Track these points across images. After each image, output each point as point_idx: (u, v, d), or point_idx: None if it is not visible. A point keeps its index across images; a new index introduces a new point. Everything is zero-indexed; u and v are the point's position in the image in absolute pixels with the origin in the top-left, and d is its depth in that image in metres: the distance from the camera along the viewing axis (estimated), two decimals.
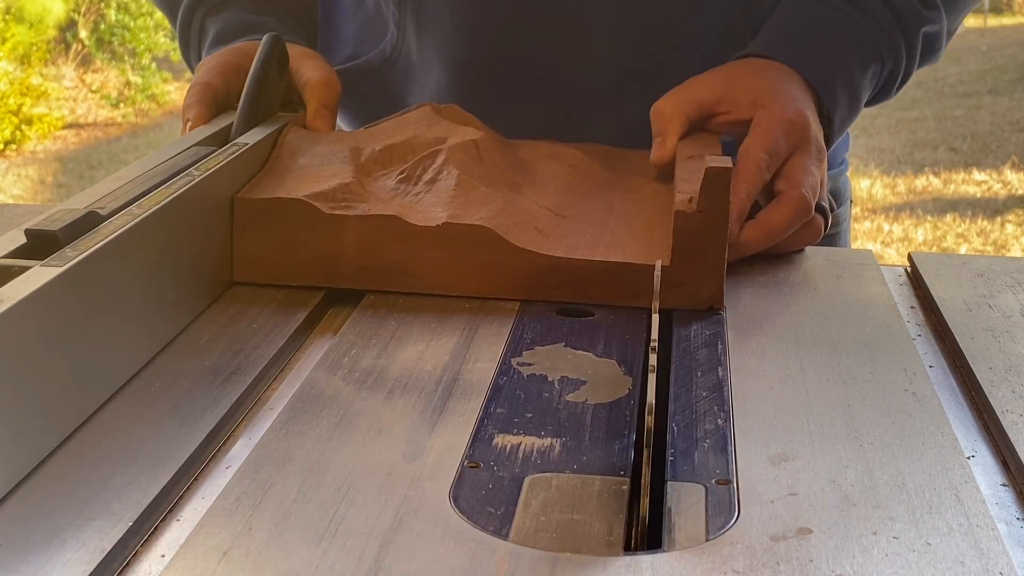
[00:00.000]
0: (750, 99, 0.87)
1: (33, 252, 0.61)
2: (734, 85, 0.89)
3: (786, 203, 0.83)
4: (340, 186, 0.80)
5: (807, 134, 0.86)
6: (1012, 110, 7.36)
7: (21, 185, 6.52)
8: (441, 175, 0.83)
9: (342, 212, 0.77)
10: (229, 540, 0.49)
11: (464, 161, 0.84)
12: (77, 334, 0.60)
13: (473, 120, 0.92)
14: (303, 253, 0.78)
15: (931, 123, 7.12)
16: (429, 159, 0.84)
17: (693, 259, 0.75)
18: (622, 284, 0.76)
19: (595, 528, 0.51)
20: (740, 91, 0.88)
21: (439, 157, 0.84)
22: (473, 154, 0.85)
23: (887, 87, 0.97)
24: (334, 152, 0.85)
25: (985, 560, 0.49)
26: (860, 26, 0.93)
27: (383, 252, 0.77)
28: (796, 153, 0.85)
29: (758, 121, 0.86)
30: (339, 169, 0.83)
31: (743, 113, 0.87)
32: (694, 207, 0.74)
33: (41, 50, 8.11)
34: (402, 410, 0.62)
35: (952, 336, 0.73)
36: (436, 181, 0.82)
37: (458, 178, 0.82)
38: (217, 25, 1.01)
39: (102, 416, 0.60)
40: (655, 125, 0.89)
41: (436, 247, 0.77)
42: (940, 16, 0.96)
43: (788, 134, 0.85)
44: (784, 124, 0.85)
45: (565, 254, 0.77)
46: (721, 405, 0.63)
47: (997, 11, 10.98)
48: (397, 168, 0.84)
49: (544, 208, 0.83)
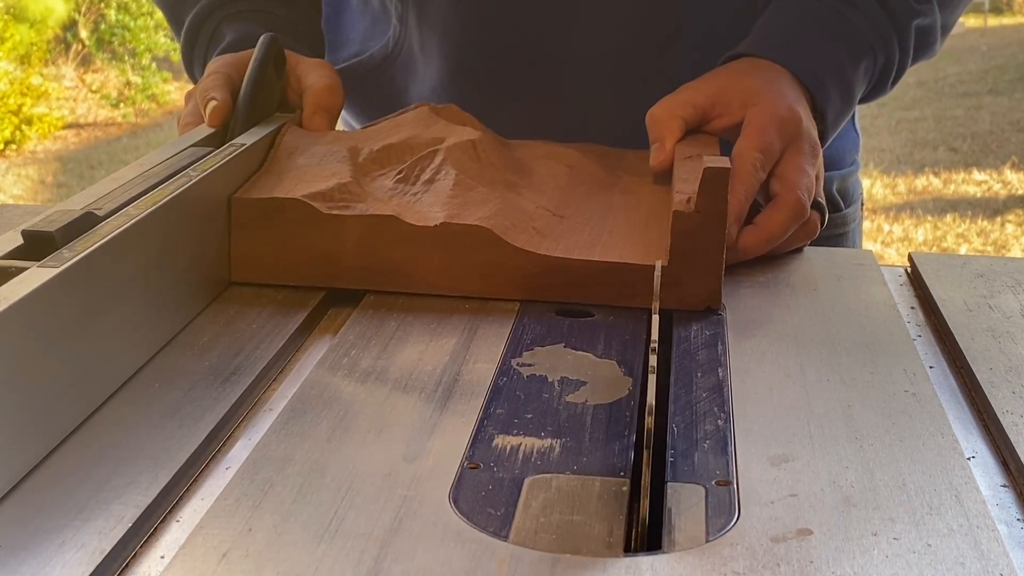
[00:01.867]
0: (741, 100, 0.87)
1: (30, 253, 0.61)
2: (725, 88, 0.89)
3: (782, 206, 0.83)
4: (338, 186, 0.80)
5: (799, 129, 0.86)
6: (1012, 110, 7.36)
7: (21, 185, 6.53)
8: (439, 175, 0.83)
9: (340, 212, 0.77)
10: (229, 541, 0.49)
11: (462, 161, 0.84)
12: (75, 335, 0.59)
13: (471, 120, 0.92)
14: (301, 253, 0.77)
15: (931, 123, 7.12)
16: (427, 159, 0.84)
17: (691, 259, 0.75)
18: (620, 284, 0.76)
19: (595, 529, 0.51)
20: (732, 94, 0.88)
21: (437, 157, 0.84)
22: (471, 154, 0.85)
23: (882, 82, 0.97)
24: (332, 152, 0.85)
25: (985, 561, 0.49)
26: (850, 21, 0.93)
27: (381, 252, 0.77)
28: (789, 151, 0.85)
29: (750, 120, 0.85)
30: (337, 169, 0.82)
31: (736, 115, 0.87)
32: (692, 207, 0.74)
33: (41, 50, 8.11)
34: (402, 411, 0.62)
35: (952, 337, 0.73)
36: (434, 181, 0.82)
37: (456, 178, 0.82)
38: (233, 33, 1.01)
39: (101, 417, 0.60)
40: (652, 131, 0.89)
41: (434, 247, 0.76)
42: (932, 9, 0.96)
43: (781, 131, 0.85)
44: (776, 121, 0.85)
45: (563, 254, 0.76)
46: (721, 406, 0.63)
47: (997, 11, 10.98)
48: (395, 168, 0.84)
49: (542, 208, 0.83)
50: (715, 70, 0.92)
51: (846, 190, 1.11)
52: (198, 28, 1.04)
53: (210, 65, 0.94)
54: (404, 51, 1.06)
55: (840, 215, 1.10)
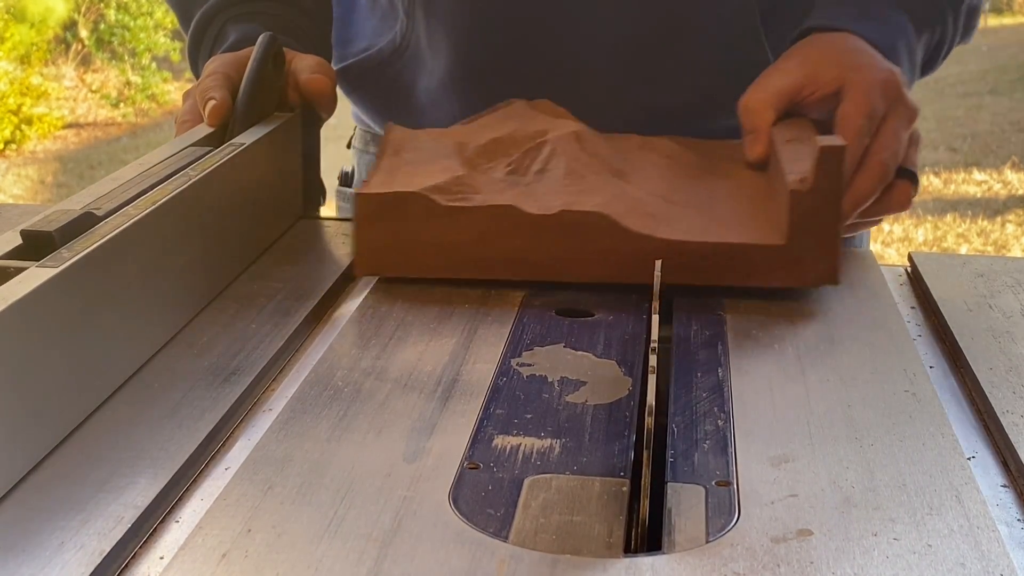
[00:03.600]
0: (833, 73, 0.87)
1: (29, 253, 0.61)
2: (813, 64, 0.89)
3: (867, 169, 0.83)
4: (454, 179, 0.81)
5: (900, 92, 0.86)
6: (1012, 110, 7.36)
7: (21, 185, 6.53)
8: (550, 165, 0.85)
9: (459, 204, 0.78)
10: (228, 541, 0.49)
11: (570, 151, 0.86)
12: (74, 335, 0.59)
13: (566, 113, 0.93)
14: (422, 245, 0.79)
15: (931, 123, 7.12)
16: (535, 151, 0.86)
17: (810, 237, 0.76)
18: (741, 265, 0.77)
19: (595, 530, 0.51)
20: (821, 68, 0.88)
21: (545, 148, 0.86)
22: (577, 144, 0.87)
23: (934, 57, 0.97)
24: (438, 147, 0.87)
25: (986, 562, 0.49)
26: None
27: (501, 242, 0.78)
28: (888, 116, 0.85)
29: (853, 85, 0.85)
30: (448, 164, 0.84)
31: (830, 87, 0.87)
32: (807, 186, 0.74)
33: (41, 50, 8.11)
34: (402, 411, 0.61)
35: (952, 337, 0.73)
36: (545, 171, 0.84)
37: (567, 167, 0.83)
38: (237, 33, 1.01)
39: (100, 417, 0.60)
40: (746, 122, 0.89)
41: (554, 235, 0.78)
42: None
43: (884, 94, 0.85)
44: (879, 85, 0.85)
45: (682, 237, 0.77)
46: (721, 406, 0.63)
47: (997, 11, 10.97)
48: (503, 160, 0.86)
49: (652, 195, 0.83)
50: (795, 48, 0.92)
51: None
52: (204, 27, 1.04)
53: (209, 64, 0.94)
54: (412, 46, 1.06)
55: None
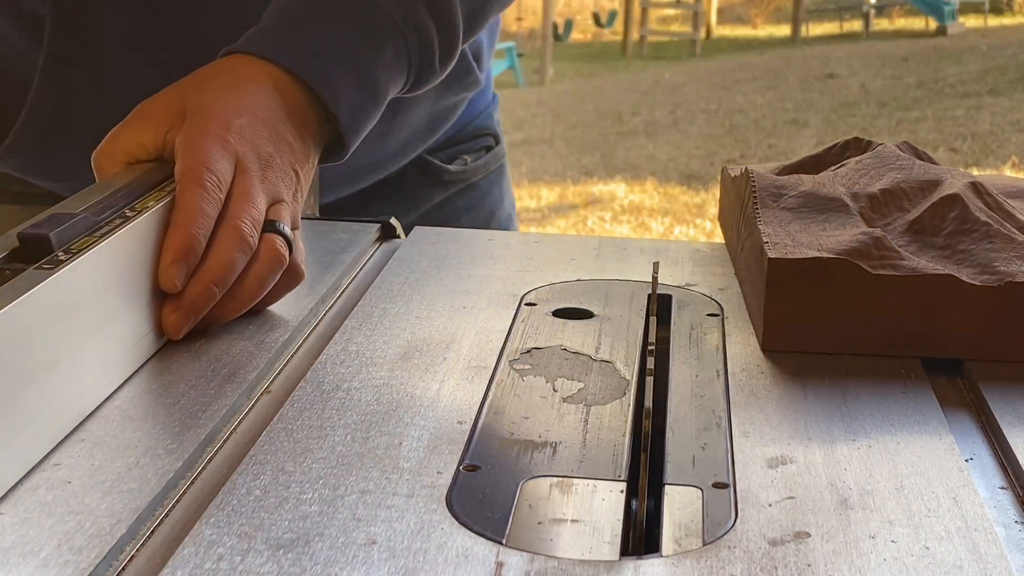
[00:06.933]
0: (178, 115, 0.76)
1: (26, 256, 0.60)
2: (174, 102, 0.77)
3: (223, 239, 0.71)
4: (874, 240, 0.71)
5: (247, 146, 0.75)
6: (1012, 110, 7.37)
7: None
8: (966, 224, 0.75)
9: (885, 272, 0.70)
10: (227, 543, 0.49)
11: (979, 206, 0.76)
12: (71, 337, 0.59)
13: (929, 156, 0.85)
14: (842, 317, 0.70)
15: (931, 123, 7.12)
16: (943, 206, 0.76)
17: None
18: None
19: (592, 532, 0.51)
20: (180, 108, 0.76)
21: (956, 205, 0.76)
22: (982, 199, 0.78)
23: (426, 64, 0.88)
24: (820, 199, 0.79)
25: (983, 564, 0.49)
26: (370, 4, 0.85)
27: (936, 315, 0.70)
28: (237, 174, 0.74)
29: (181, 143, 0.74)
30: (846, 220, 0.77)
31: None
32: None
33: None
34: (401, 411, 0.61)
35: None
36: (962, 233, 0.75)
37: (986, 228, 0.74)
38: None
39: (98, 419, 0.60)
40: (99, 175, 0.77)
41: (999, 308, 0.69)
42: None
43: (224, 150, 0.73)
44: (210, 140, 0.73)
45: None
46: (718, 408, 0.63)
47: (997, 11, 10.99)
48: (898, 216, 0.78)
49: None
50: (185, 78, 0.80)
51: None
52: None
53: None
54: None
55: None
